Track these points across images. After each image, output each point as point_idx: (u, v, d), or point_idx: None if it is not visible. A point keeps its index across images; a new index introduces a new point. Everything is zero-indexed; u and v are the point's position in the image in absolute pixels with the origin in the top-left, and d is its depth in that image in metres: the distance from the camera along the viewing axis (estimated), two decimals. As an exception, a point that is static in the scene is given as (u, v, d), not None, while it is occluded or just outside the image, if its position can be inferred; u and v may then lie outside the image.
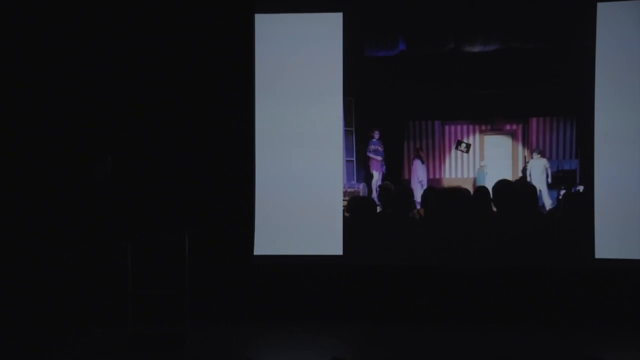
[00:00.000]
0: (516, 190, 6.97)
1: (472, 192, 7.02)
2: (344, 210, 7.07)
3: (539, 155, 6.96)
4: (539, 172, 6.97)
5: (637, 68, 6.67)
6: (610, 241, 6.70)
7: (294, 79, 7.11)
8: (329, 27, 7.09)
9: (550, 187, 6.95)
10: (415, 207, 7.08)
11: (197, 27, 7.13)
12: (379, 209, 7.13)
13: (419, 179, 7.15)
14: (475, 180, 7.10)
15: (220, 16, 7.14)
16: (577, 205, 6.86)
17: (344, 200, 7.09)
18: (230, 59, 7.16)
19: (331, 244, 7.02)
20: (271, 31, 7.14)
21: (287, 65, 7.12)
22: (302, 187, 7.06)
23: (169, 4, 7.15)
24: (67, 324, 6.57)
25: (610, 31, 6.71)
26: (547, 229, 6.86)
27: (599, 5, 6.73)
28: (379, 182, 7.18)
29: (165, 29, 7.14)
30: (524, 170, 7.02)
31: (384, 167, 7.18)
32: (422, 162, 7.15)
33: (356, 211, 7.08)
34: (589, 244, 6.73)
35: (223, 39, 7.14)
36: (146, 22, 7.13)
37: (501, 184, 6.98)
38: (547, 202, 6.97)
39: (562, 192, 6.95)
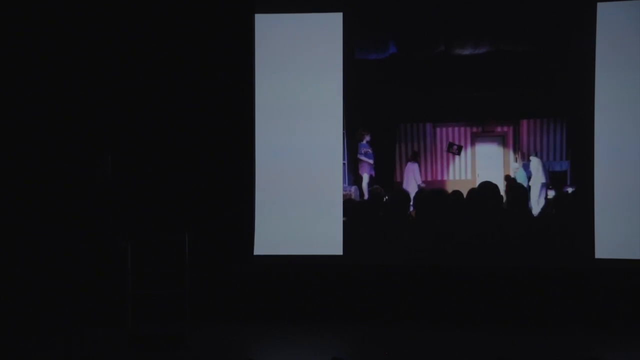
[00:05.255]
0: (508, 191, 7.01)
1: (464, 194, 7.03)
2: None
3: (535, 156, 6.99)
4: (537, 171, 7.00)
5: (637, 68, 6.67)
6: (610, 241, 6.70)
7: (293, 79, 7.11)
8: (329, 27, 7.09)
9: (543, 186, 6.99)
10: (410, 210, 7.10)
11: (197, 27, 7.14)
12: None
13: (416, 181, 7.16)
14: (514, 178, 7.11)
15: (220, 16, 7.14)
16: (570, 206, 6.88)
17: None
18: (230, 59, 7.15)
19: (331, 243, 7.02)
20: (271, 31, 7.14)
21: (287, 65, 7.12)
22: (302, 187, 7.06)
23: (169, 4, 7.15)
24: (67, 324, 6.56)
25: (610, 31, 6.71)
26: (544, 229, 6.86)
27: (599, 5, 6.73)
28: (368, 185, 7.20)
29: (166, 29, 7.14)
30: (516, 170, 7.06)
31: (373, 170, 7.20)
32: (419, 165, 7.17)
33: (354, 215, 7.08)
34: (589, 244, 6.73)
35: (223, 39, 7.14)
36: (146, 22, 7.13)
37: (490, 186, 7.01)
38: (540, 202, 6.99)
39: (552, 192, 6.98)
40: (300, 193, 7.07)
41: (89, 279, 6.35)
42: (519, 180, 7.05)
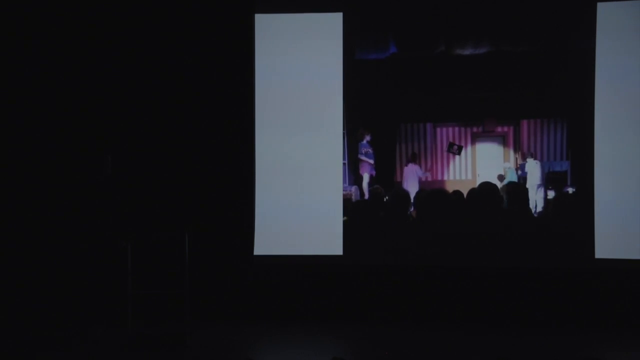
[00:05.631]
0: (509, 191, 7.02)
1: (464, 194, 7.04)
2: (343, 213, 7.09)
3: (532, 158, 7.01)
4: (532, 173, 7.02)
5: (637, 68, 6.67)
6: (610, 241, 6.70)
7: (294, 78, 7.11)
8: (329, 27, 7.09)
9: (539, 188, 7.00)
10: (410, 209, 7.10)
11: (197, 27, 7.14)
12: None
13: (419, 176, 7.16)
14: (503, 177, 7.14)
15: (220, 16, 7.14)
16: (570, 206, 6.88)
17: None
18: (230, 59, 7.16)
19: (331, 243, 7.02)
20: (271, 31, 7.14)
21: (287, 65, 7.12)
22: (302, 187, 7.06)
23: (169, 4, 7.15)
24: (67, 324, 6.56)
25: (610, 31, 6.71)
26: (544, 229, 6.86)
27: (599, 5, 6.73)
28: (368, 185, 7.20)
29: (166, 29, 7.14)
30: (517, 171, 7.06)
31: (374, 169, 7.20)
32: (419, 167, 7.17)
33: (354, 215, 7.08)
34: (589, 244, 6.73)
35: (223, 39, 7.14)
36: (146, 22, 7.13)
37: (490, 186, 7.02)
38: (539, 203, 7.00)
39: (552, 193, 6.98)
40: (301, 193, 7.07)
41: (89, 279, 6.35)
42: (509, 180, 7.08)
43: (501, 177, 7.10)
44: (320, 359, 5.56)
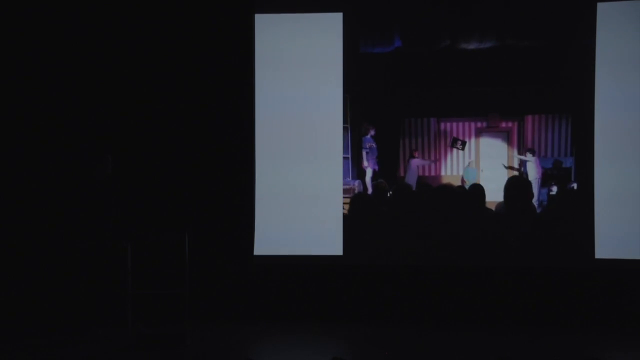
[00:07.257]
0: (522, 187, 7.00)
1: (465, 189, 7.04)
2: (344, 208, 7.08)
3: (531, 155, 7.00)
4: (531, 169, 7.02)
5: (637, 68, 6.67)
6: (610, 241, 6.70)
7: (293, 78, 7.11)
8: (329, 27, 7.09)
9: (542, 184, 6.99)
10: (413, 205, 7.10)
11: (197, 27, 7.14)
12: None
13: (414, 178, 7.15)
14: (462, 177, 7.11)
15: (220, 16, 7.14)
16: (573, 203, 6.87)
17: (344, 197, 7.09)
18: (230, 59, 7.16)
19: (331, 244, 7.02)
20: (271, 31, 7.15)
21: (287, 65, 7.12)
22: (302, 187, 7.06)
23: (169, 4, 7.15)
24: (67, 324, 6.57)
25: (610, 31, 6.72)
26: (545, 228, 6.86)
27: (599, 5, 6.73)
28: (371, 179, 7.19)
29: (166, 29, 7.14)
30: (520, 167, 7.05)
31: (377, 164, 7.19)
32: (421, 158, 7.15)
33: (357, 209, 7.07)
34: (589, 244, 6.73)
35: (223, 39, 7.14)
36: (146, 22, 7.13)
37: (514, 181, 7.00)
38: (537, 200, 7.01)
39: (554, 189, 6.97)
40: (301, 193, 7.06)
41: (89, 279, 6.36)
42: (467, 179, 7.06)
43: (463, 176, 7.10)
44: (320, 359, 5.56)
